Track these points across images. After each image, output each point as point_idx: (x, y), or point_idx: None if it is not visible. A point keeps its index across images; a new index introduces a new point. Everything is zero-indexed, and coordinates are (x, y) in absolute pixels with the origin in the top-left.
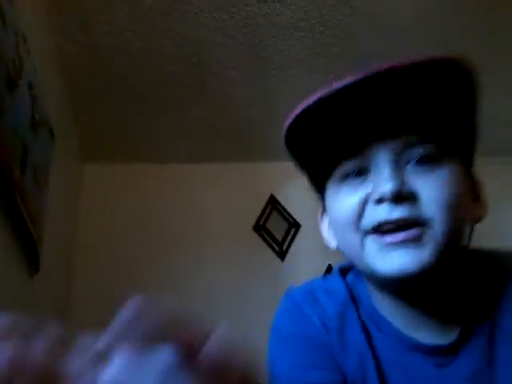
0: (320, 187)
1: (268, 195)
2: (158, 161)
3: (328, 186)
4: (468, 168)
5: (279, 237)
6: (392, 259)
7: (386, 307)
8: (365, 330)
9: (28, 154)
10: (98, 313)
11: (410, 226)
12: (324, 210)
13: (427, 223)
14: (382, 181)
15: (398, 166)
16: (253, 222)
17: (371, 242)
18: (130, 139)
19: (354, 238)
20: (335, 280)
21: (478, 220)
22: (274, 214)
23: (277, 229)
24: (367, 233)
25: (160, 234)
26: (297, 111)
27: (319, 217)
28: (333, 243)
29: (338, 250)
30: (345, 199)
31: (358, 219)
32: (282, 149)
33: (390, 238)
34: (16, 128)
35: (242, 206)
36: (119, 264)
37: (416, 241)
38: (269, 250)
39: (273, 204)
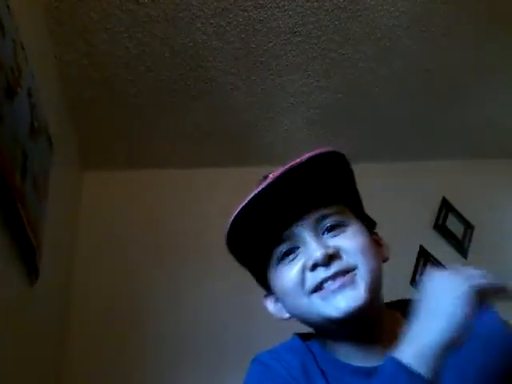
0: (261, 277)
1: None
2: (157, 166)
3: (269, 272)
4: (364, 223)
5: None
6: (337, 302)
7: (340, 352)
8: (323, 374)
9: (28, 161)
10: (98, 320)
11: (342, 275)
12: (267, 294)
13: (354, 268)
14: (312, 251)
15: (318, 237)
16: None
17: (316, 298)
18: (128, 145)
19: (302, 301)
20: (294, 340)
21: (386, 259)
22: None
23: None
24: (311, 293)
25: (160, 240)
26: (227, 225)
27: (263, 300)
28: (285, 315)
29: (291, 319)
30: (286, 273)
31: (301, 285)
32: (281, 153)
33: (330, 287)
34: (16, 135)
35: None
36: (119, 271)
37: (351, 283)
38: None
39: None
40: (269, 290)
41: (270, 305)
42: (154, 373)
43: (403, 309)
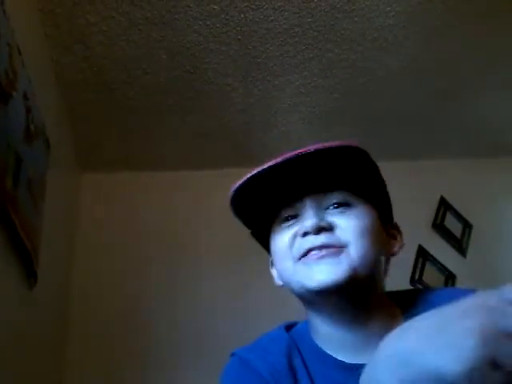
0: (264, 240)
1: None
2: (156, 168)
3: (271, 233)
4: (384, 215)
5: None
6: (315, 273)
7: (325, 339)
8: (307, 369)
9: (22, 165)
10: (98, 322)
11: (330, 248)
12: (271, 261)
13: (344, 246)
14: (306, 219)
15: (319, 209)
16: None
17: (301, 265)
18: (126, 148)
19: (288, 265)
20: (279, 331)
21: (393, 254)
22: None
23: None
24: (298, 259)
25: (159, 241)
26: (240, 181)
27: (269, 264)
28: (279, 282)
29: (284, 287)
30: (281, 236)
31: (289, 250)
32: (279, 154)
33: (314, 256)
34: (9, 140)
35: None
36: (118, 273)
37: (335, 257)
38: (267, 256)
39: None
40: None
41: (273, 269)
42: (154, 373)
43: (403, 303)
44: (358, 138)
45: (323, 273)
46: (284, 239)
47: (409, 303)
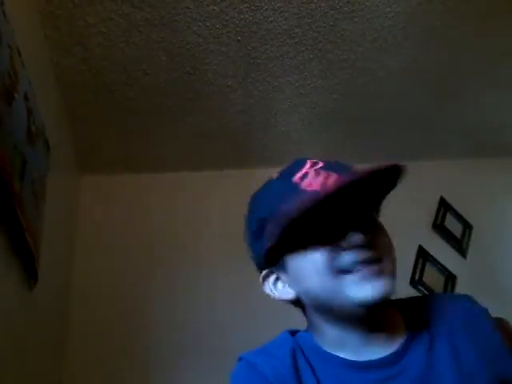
0: (272, 254)
1: None
2: (156, 169)
3: (290, 254)
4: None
5: None
6: (369, 289)
7: (328, 340)
8: (313, 371)
9: (26, 167)
10: (98, 322)
11: (374, 264)
12: (266, 275)
13: (382, 260)
14: (351, 235)
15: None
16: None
17: (348, 280)
18: (126, 149)
19: (326, 279)
20: (284, 336)
21: None
22: None
23: None
24: (344, 272)
25: (159, 242)
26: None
27: (261, 280)
28: (289, 295)
29: (294, 300)
30: (315, 251)
31: (330, 263)
32: (279, 154)
33: (368, 271)
34: (15, 141)
35: (240, 212)
36: (117, 274)
37: (381, 274)
38: None
39: None
40: (270, 265)
41: (269, 284)
42: (154, 373)
43: (402, 309)
44: (357, 139)
45: (379, 287)
46: (321, 253)
47: (406, 309)
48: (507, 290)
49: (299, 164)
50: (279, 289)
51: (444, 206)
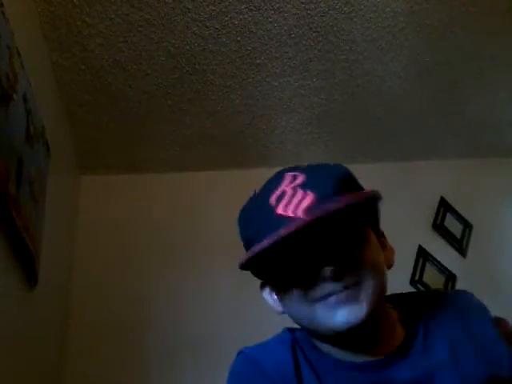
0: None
1: None
2: (155, 170)
3: (272, 279)
4: (375, 226)
5: None
6: (339, 317)
7: (329, 349)
8: (313, 368)
9: (23, 167)
10: (98, 322)
11: (346, 289)
12: (264, 283)
13: (360, 282)
14: (325, 269)
15: (333, 252)
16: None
17: (320, 308)
18: (125, 150)
19: (304, 307)
20: (284, 334)
21: (390, 266)
22: None
23: None
24: (315, 301)
25: (159, 242)
26: (251, 253)
27: (260, 289)
28: (279, 309)
29: (284, 315)
30: (294, 277)
31: (305, 291)
32: (279, 155)
33: (333, 299)
34: (11, 142)
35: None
36: (118, 274)
37: (354, 299)
38: None
39: None
40: (266, 278)
41: (267, 295)
42: (154, 373)
43: (400, 305)
44: (357, 139)
45: (345, 316)
46: (295, 287)
47: (404, 305)
48: (507, 290)
49: (278, 180)
50: (273, 301)
51: (444, 206)
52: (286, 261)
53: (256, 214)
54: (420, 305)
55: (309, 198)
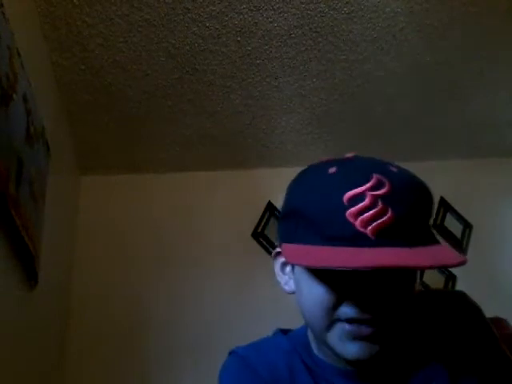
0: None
1: (266, 202)
2: (155, 171)
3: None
4: None
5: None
6: (350, 349)
7: (328, 354)
8: (310, 373)
9: (23, 167)
10: (98, 322)
11: (367, 324)
12: (276, 254)
13: (384, 327)
14: (360, 300)
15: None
16: (251, 228)
17: (337, 328)
18: (125, 150)
19: (324, 320)
20: (279, 337)
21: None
22: (272, 221)
23: (275, 235)
24: (334, 321)
25: (159, 243)
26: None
27: (274, 255)
28: (289, 289)
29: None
30: (321, 289)
31: (332, 310)
32: (279, 155)
33: (352, 328)
34: (11, 142)
35: (239, 213)
36: (118, 274)
37: (371, 338)
38: (268, 257)
39: (271, 211)
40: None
41: (278, 267)
42: (154, 373)
43: None
44: (357, 139)
45: (356, 351)
46: (325, 293)
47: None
48: (507, 290)
49: (363, 177)
50: (285, 275)
51: (444, 206)
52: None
53: (323, 195)
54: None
55: (387, 218)
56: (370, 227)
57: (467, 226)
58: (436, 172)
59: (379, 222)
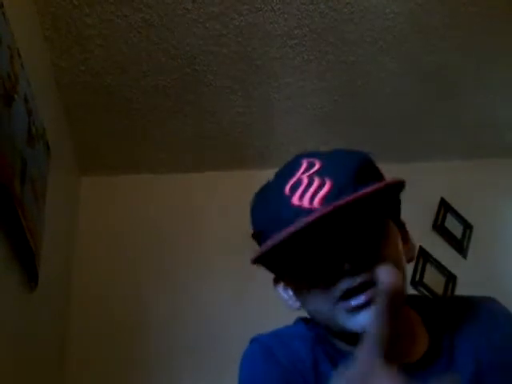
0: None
1: None
2: (155, 171)
3: (287, 276)
4: (396, 218)
5: None
6: (357, 321)
7: (344, 346)
8: (332, 361)
9: (27, 167)
10: (98, 324)
11: (367, 287)
12: (275, 281)
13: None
14: (344, 264)
15: (354, 246)
16: (251, 229)
17: (341, 309)
18: (125, 150)
19: (325, 307)
20: (300, 327)
21: (411, 260)
22: None
23: None
24: (335, 303)
25: (159, 243)
26: (267, 246)
27: (274, 284)
28: (295, 306)
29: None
30: (314, 275)
31: (328, 289)
32: (279, 155)
33: (355, 301)
34: (14, 142)
35: (239, 213)
36: (118, 275)
37: (373, 301)
38: None
39: None
40: (280, 273)
41: (281, 290)
42: (154, 373)
43: (422, 309)
44: (357, 140)
45: (362, 319)
46: (316, 277)
47: (427, 309)
48: (507, 290)
49: (294, 166)
50: (288, 297)
51: (444, 207)
52: (302, 255)
53: (270, 204)
54: (444, 312)
55: (326, 187)
56: (315, 202)
57: (467, 227)
58: (436, 172)
59: (321, 193)
